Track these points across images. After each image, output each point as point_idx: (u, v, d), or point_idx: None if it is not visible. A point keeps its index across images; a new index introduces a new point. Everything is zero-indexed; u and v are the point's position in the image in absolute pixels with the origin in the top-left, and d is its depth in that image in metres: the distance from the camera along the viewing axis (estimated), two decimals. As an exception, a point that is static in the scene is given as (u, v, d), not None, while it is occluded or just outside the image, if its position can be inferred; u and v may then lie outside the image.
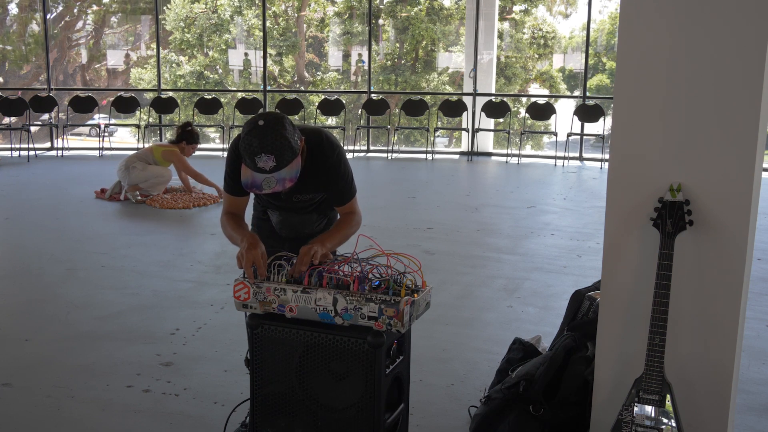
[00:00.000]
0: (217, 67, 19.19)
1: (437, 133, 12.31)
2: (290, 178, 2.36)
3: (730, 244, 2.39)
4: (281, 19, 19.36)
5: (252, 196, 2.73)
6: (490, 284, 4.99)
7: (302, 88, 19.34)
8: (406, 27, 18.72)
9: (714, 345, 2.45)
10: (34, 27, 18.82)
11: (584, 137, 10.94)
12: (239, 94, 13.87)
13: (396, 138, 11.88)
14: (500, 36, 17.64)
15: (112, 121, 12.52)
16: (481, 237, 6.29)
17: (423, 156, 11.32)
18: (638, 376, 2.41)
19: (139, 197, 7.62)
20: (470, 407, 3.18)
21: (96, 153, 11.32)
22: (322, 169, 2.57)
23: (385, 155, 11.41)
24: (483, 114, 11.15)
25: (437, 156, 11.33)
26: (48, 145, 11.77)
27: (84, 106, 11.54)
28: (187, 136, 7.79)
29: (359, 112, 11.93)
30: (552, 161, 10.80)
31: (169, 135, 13.70)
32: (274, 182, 2.34)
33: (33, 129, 11.58)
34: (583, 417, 2.71)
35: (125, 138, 16.89)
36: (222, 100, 11.90)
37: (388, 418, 2.36)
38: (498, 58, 13.94)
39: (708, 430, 2.49)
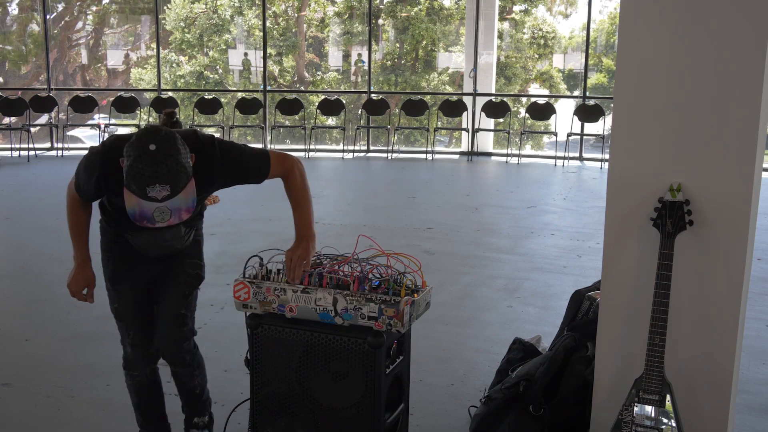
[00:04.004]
0: (217, 67, 19.18)
1: (437, 134, 12.31)
2: (186, 207, 2.12)
3: (730, 244, 2.39)
4: (281, 19, 19.35)
5: (98, 211, 2.52)
6: (490, 284, 4.99)
7: (302, 88, 19.34)
8: (406, 27, 18.71)
9: (714, 345, 2.45)
10: (34, 27, 18.82)
11: (584, 137, 10.94)
12: (239, 94, 13.87)
13: (396, 138, 11.88)
14: (500, 36, 17.63)
15: (112, 121, 12.50)
16: (481, 237, 6.29)
17: (423, 156, 11.32)
18: (638, 376, 2.41)
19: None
20: (470, 407, 3.18)
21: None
22: (216, 172, 2.31)
23: (385, 155, 11.41)
24: (483, 114, 11.14)
25: (437, 156, 11.33)
26: (48, 145, 11.77)
27: (84, 106, 11.54)
28: (176, 127, 7.72)
29: (359, 112, 11.93)
30: (552, 161, 10.80)
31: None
32: (168, 214, 2.09)
33: (33, 129, 11.58)
34: (583, 417, 2.71)
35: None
36: (222, 100, 11.90)
37: (388, 418, 2.36)
38: (498, 58, 13.93)
39: (708, 430, 2.49)
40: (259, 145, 11.63)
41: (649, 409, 2.38)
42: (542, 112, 11.33)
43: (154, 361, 2.68)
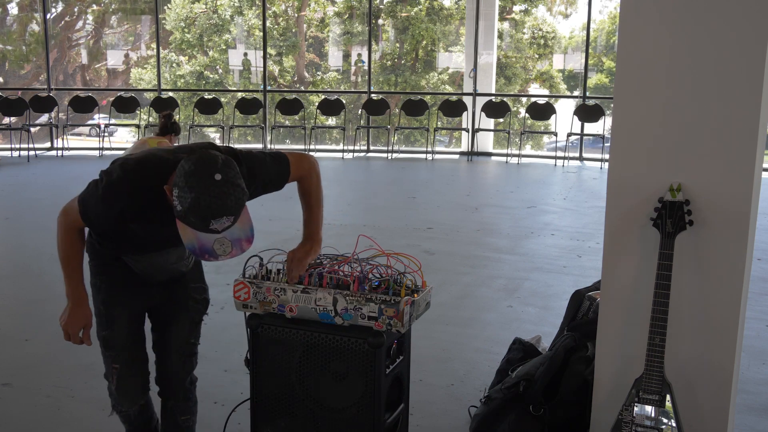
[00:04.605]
0: (217, 67, 19.19)
1: (437, 134, 12.31)
2: (246, 237, 2.00)
3: (730, 244, 2.39)
4: (281, 19, 19.35)
5: (85, 236, 2.33)
6: (490, 284, 4.99)
7: (302, 88, 19.34)
8: (406, 27, 18.71)
9: (714, 345, 2.45)
10: (34, 27, 18.82)
11: (584, 137, 10.94)
12: (239, 94, 13.86)
13: (396, 138, 11.88)
14: (500, 36, 17.63)
15: (112, 121, 12.50)
16: (481, 237, 6.29)
17: (423, 156, 11.32)
18: (638, 376, 2.41)
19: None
20: (470, 407, 3.18)
21: (96, 153, 11.32)
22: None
23: (385, 155, 11.41)
24: (483, 114, 11.14)
25: (437, 156, 11.33)
26: (48, 145, 11.77)
27: (84, 106, 11.54)
28: (174, 129, 7.70)
29: (359, 112, 11.93)
30: (552, 161, 10.80)
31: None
32: (228, 246, 1.96)
33: (33, 129, 11.58)
34: (583, 417, 2.71)
35: (125, 138, 16.90)
36: (222, 100, 11.90)
37: (388, 418, 2.36)
38: (498, 58, 13.94)
39: (708, 430, 2.49)
40: (259, 146, 11.65)
41: (649, 409, 2.38)
42: (542, 112, 11.33)
43: (142, 396, 2.49)
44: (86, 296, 2.31)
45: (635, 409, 2.39)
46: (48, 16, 14.77)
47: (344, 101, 11.77)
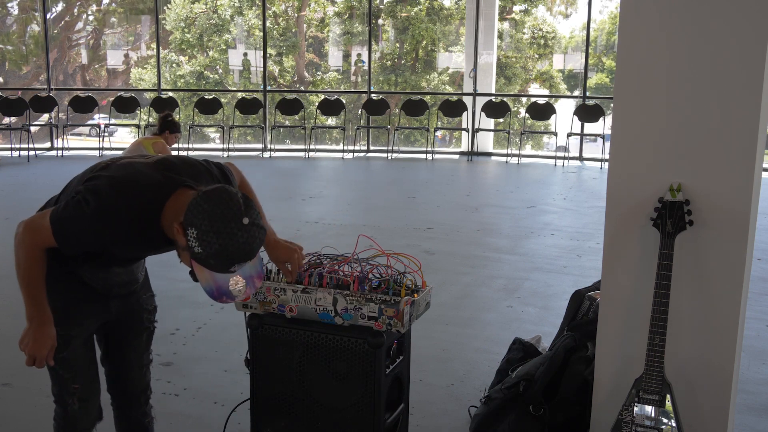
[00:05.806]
0: (217, 67, 19.19)
1: (437, 133, 12.31)
2: (257, 274, 1.94)
3: (730, 244, 2.39)
4: (281, 19, 19.36)
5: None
6: (490, 284, 4.99)
7: (302, 88, 19.34)
8: (406, 27, 18.72)
9: (714, 345, 2.45)
10: (34, 27, 18.82)
11: (584, 137, 10.94)
12: (239, 94, 13.87)
13: (396, 138, 11.89)
14: (500, 36, 17.63)
15: (112, 121, 12.50)
16: (481, 237, 6.29)
17: (423, 156, 11.32)
18: (638, 376, 2.41)
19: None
20: (470, 407, 3.18)
21: (96, 153, 11.32)
22: None
23: (385, 155, 11.41)
24: (483, 114, 11.14)
25: (437, 156, 11.33)
26: (48, 145, 11.77)
27: (84, 106, 11.54)
28: (170, 126, 7.71)
29: (359, 112, 11.93)
30: (552, 161, 10.80)
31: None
32: (243, 285, 1.90)
33: (33, 129, 11.58)
34: (583, 417, 2.71)
35: (125, 138, 16.90)
36: (222, 100, 11.90)
37: (388, 418, 2.36)
38: (498, 58, 13.93)
39: (708, 430, 2.49)
40: (260, 146, 11.65)
41: (649, 409, 2.38)
42: (542, 112, 11.33)
43: (100, 415, 2.37)
44: (51, 315, 2.16)
45: (635, 409, 2.39)
46: (48, 16, 14.77)
47: (344, 101, 11.77)
